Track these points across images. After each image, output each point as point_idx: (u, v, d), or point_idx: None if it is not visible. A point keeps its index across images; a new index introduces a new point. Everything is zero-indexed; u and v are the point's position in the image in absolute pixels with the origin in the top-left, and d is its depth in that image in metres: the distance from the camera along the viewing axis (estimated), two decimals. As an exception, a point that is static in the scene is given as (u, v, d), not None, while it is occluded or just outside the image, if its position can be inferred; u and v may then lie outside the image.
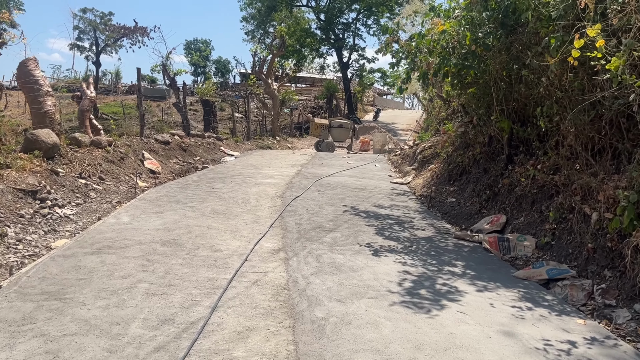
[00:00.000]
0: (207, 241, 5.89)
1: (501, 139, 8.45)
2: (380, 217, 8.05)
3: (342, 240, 6.35)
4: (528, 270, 5.55)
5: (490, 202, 8.14)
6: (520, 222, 6.99)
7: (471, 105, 9.58)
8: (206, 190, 9.24)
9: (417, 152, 14.36)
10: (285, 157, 16.72)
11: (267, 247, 5.81)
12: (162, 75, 17.08)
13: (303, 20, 40.87)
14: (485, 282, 5.14)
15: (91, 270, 4.68)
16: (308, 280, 4.75)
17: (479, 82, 8.48)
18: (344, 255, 5.68)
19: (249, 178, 11.09)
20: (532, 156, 7.73)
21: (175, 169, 12.02)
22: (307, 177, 11.96)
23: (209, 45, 71.19)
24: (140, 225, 6.48)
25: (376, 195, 10.18)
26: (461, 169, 10.22)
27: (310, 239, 6.30)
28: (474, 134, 9.78)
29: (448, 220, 8.40)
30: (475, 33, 5.99)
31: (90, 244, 5.55)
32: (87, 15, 41.06)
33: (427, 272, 5.32)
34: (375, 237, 6.65)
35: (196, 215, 7.20)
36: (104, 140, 10.09)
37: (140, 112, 13.46)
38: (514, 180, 7.74)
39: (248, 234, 6.36)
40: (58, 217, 6.62)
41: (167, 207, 7.67)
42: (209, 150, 15.62)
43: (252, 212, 7.70)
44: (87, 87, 11.12)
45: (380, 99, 62.43)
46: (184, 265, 4.96)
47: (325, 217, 7.69)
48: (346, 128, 23.66)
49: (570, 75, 5.69)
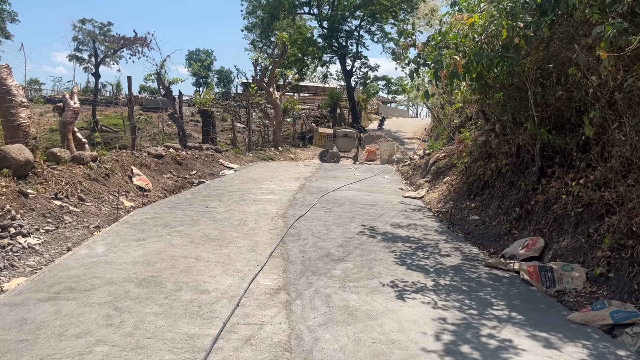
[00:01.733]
0: (193, 278, 4.88)
1: (532, 149, 7.43)
2: (397, 239, 7.03)
3: (355, 273, 5.33)
4: (586, 313, 4.51)
5: (522, 221, 7.10)
6: (563, 246, 5.95)
7: (494, 112, 8.58)
8: (199, 210, 8.24)
9: (429, 163, 13.33)
10: (288, 170, 15.73)
11: (265, 286, 4.79)
12: (157, 84, 16.19)
13: (305, 29, 40.07)
14: (537, 331, 4.09)
15: (39, 326, 3.68)
16: (316, 335, 3.73)
17: (504, 84, 7.51)
18: (358, 295, 4.65)
19: (248, 194, 10.10)
20: (571, 169, 6.71)
21: (167, 185, 11.04)
22: (311, 191, 10.96)
23: (210, 55, 70.80)
24: (116, 257, 5.48)
25: (388, 212, 9.16)
26: (483, 182, 9.19)
27: (317, 272, 5.28)
28: (497, 144, 8.76)
29: (473, 242, 7.37)
30: (514, 20, 5.01)
31: (49, 285, 4.55)
32: (85, 26, 40.31)
33: (466, 317, 4.27)
34: (393, 268, 5.62)
35: (184, 243, 6.20)
36: (86, 155, 9.12)
37: (131, 124, 12.53)
38: (550, 197, 6.72)
39: (243, 266, 5.35)
40: (20, 249, 5.63)
41: (151, 232, 6.68)
42: (207, 164, 14.64)
43: (249, 236, 6.70)
44: (70, 97, 10.18)
45: (384, 107, 61.50)
46: (160, 315, 3.95)
47: (333, 241, 6.68)
48: (351, 137, 22.66)
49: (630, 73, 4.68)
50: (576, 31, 5.16)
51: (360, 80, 42.66)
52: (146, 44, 33.51)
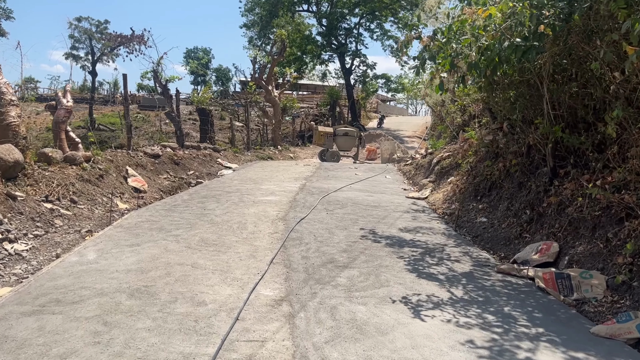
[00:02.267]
0: (189, 288, 4.57)
1: (543, 149, 7.13)
2: (403, 243, 6.72)
3: (362, 282, 5.02)
4: (611, 326, 4.20)
5: (533, 224, 6.80)
6: (580, 252, 5.65)
7: (502, 110, 8.27)
8: (196, 213, 7.93)
9: (433, 163, 13.03)
10: (288, 169, 15.42)
11: (266, 296, 4.48)
12: (154, 82, 15.85)
13: (304, 26, 39.69)
14: (572, 351, 3.75)
15: (20, 345, 3.37)
16: (322, 354, 3.41)
17: (513, 82, 7.20)
18: (366, 307, 4.34)
19: (247, 195, 9.79)
20: (585, 169, 6.41)
21: (164, 185, 10.72)
22: (312, 192, 10.65)
23: (208, 53, 70.41)
24: (108, 264, 5.16)
25: (392, 214, 8.85)
26: (490, 182, 8.89)
27: (321, 281, 4.97)
28: (506, 143, 8.46)
29: (482, 246, 7.06)
30: (539, 9, 4.68)
31: (35, 297, 4.23)
32: (82, 24, 39.96)
33: (495, 337, 3.89)
34: (402, 276, 5.31)
35: (180, 248, 5.88)
36: (80, 155, 8.80)
37: (127, 123, 12.19)
38: (564, 199, 6.41)
39: (242, 274, 5.04)
40: (6, 256, 5.31)
41: (146, 236, 6.37)
42: (205, 163, 14.32)
43: (249, 241, 6.39)
44: (63, 95, 9.84)
45: (383, 105, 61.16)
46: (153, 332, 3.64)
47: (337, 246, 6.37)
48: (352, 136, 22.34)
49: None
50: (598, 26, 4.85)
51: (360, 78, 42.34)
52: (143, 42, 33.14)
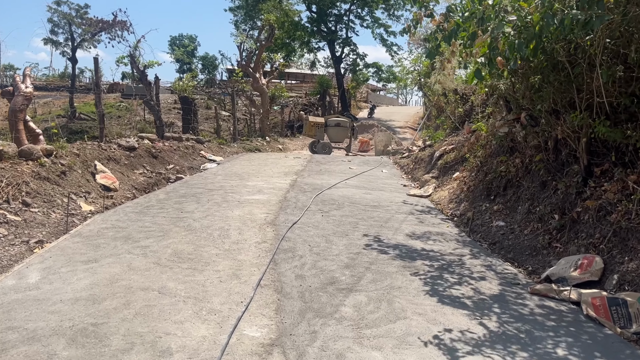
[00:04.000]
0: (152, 327, 3.52)
1: (574, 144, 6.15)
2: (414, 255, 5.72)
3: (372, 312, 4.00)
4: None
5: (566, 232, 5.82)
6: (632, 269, 4.68)
7: (520, 99, 7.26)
8: (172, 216, 6.85)
9: (435, 156, 12.03)
10: (277, 162, 14.33)
11: (252, 339, 3.44)
12: (130, 67, 14.64)
13: (292, 12, 38.31)
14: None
15: None
16: None
17: (539, 67, 6.20)
18: (381, 352, 3.33)
19: (231, 194, 8.71)
20: (630, 168, 5.44)
21: (139, 182, 9.59)
22: (304, 189, 9.60)
23: (194, 41, 68.54)
24: (52, 290, 4.09)
25: (396, 215, 7.85)
26: (505, 180, 7.91)
27: (321, 312, 3.95)
28: (525, 136, 7.47)
29: (503, 256, 6.08)
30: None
31: (-61, 345, 3.16)
32: (61, 8, 38.14)
33: None
34: (420, 301, 4.31)
35: (147, 265, 4.81)
36: (38, 149, 7.64)
37: (99, 112, 11.02)
38: (604, 203, 5.44)
39: (221, 304, 3.99)
40: None
41: (108, 248, 5.29)
42: (187, 156, 13.18)
43: (232, 254, 5.33)
44: (21, 80, 8.65)
45: (374, 95, 60.06)
46: (91, 405, 2.59)
47: (336, 259, 5.35)
48: (344, 127, 21.27)
49: None
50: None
51: (350, 67, 41.16)
52: (126, 28, 31.65)
